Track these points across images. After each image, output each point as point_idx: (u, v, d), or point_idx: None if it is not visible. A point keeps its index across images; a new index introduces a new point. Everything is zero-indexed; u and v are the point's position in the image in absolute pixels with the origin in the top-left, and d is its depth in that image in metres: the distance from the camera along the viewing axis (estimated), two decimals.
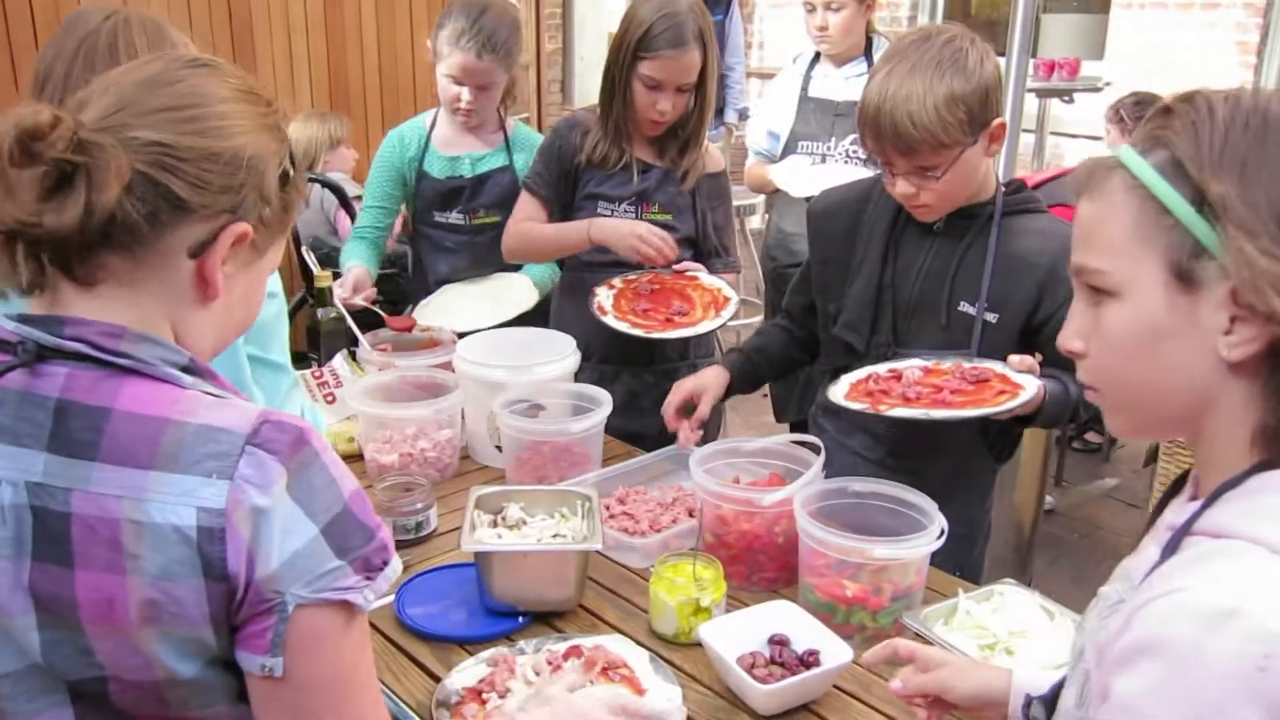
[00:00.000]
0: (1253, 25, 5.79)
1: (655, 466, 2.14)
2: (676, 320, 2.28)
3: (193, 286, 1.01)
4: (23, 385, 0.94)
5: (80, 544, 0.91)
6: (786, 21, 7.61)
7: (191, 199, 0.96)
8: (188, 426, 0.93)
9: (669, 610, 1.63)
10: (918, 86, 1.71)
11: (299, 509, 0.93)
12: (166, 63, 1.01)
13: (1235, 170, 0.83)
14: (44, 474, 0.92)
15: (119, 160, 0.91)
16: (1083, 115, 6.05)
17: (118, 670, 0.95)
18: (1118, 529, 4.04)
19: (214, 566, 0.91)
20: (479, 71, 2.60)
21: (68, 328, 0.95)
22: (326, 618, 0.95)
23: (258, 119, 1.02)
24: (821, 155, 3.42)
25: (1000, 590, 1.69)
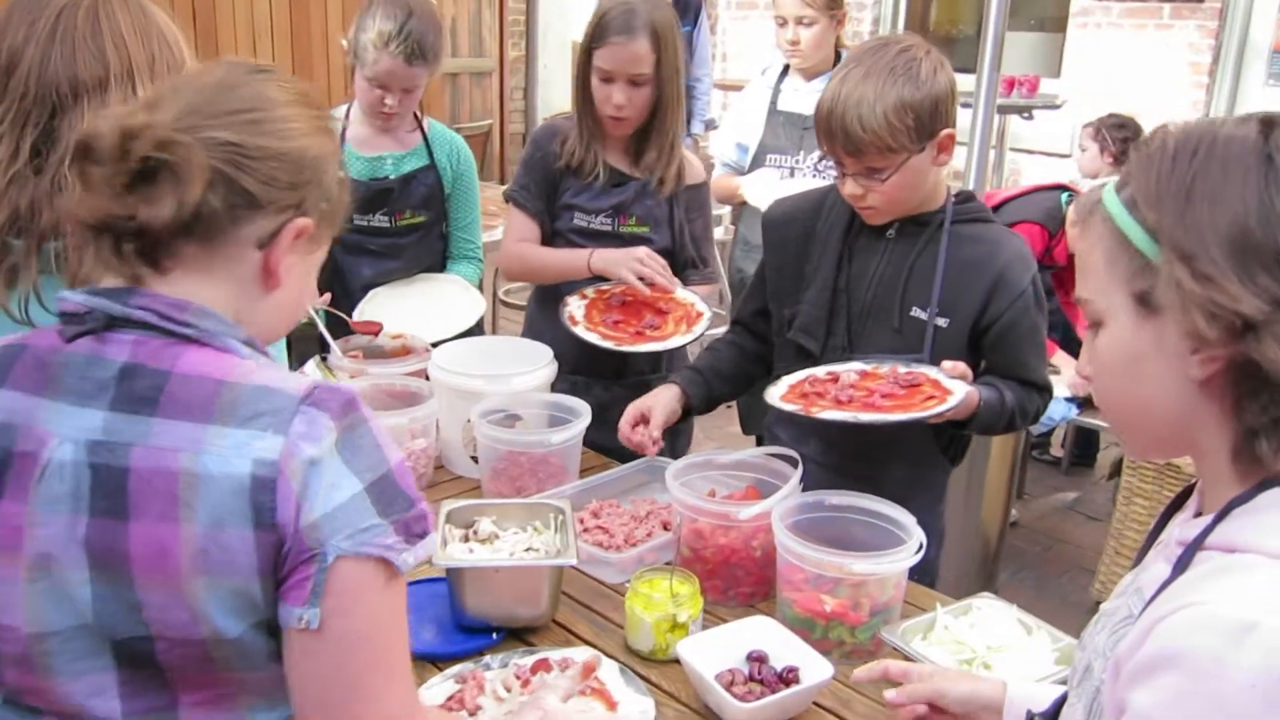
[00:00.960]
0: (1205, 46, 5.89)
1: (629, 479, 2.12)
2: (648, 334, 2.25)
3: (258, 276, 1.08)
4: (90, 350, 1.01)
5: (137, 496, 0.95)
6: (750, 33, 7.64)
7: (261, 194, 1.03)
8: (244, 386, 0.99)
9: (645, 626, 1.61)
10: (869, 91, 1.75)
11: (345, 466, 0.98)
12: (229, 69, 1.09)
13: (1180, 196, 0.86)
14: (104, 431, 0.97)
15: (199, 158, 0.99)
16: (1041, 132, 6.13)
17: (164, 628, 0.97)
18: (1080, 541, 4.07)
19: (264, 516, 0.95)
20: (406, 77, 2.53)
21: (135, 299, 1.01)
22: (366, 572, 0.98)
23: (313, 122, 1.10)
24: (790, 168, 3.42)
25: (978, 604, 1.69)
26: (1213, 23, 5.86)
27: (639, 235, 2.38)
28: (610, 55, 2.25)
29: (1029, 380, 1.94)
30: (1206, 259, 0.83)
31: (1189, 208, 0.85)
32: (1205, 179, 0.85)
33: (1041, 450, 4.71)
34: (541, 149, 2.43)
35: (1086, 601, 3.39)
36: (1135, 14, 6.12)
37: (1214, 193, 0.84)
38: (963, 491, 3.26)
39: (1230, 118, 0.90)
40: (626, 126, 2.34)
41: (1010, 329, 1.90)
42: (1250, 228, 0.83)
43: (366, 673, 1.00)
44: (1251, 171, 0.84)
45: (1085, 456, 4.69)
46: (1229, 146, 0.86)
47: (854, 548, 1.68)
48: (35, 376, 1.01)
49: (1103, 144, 4.51)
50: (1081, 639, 1.05)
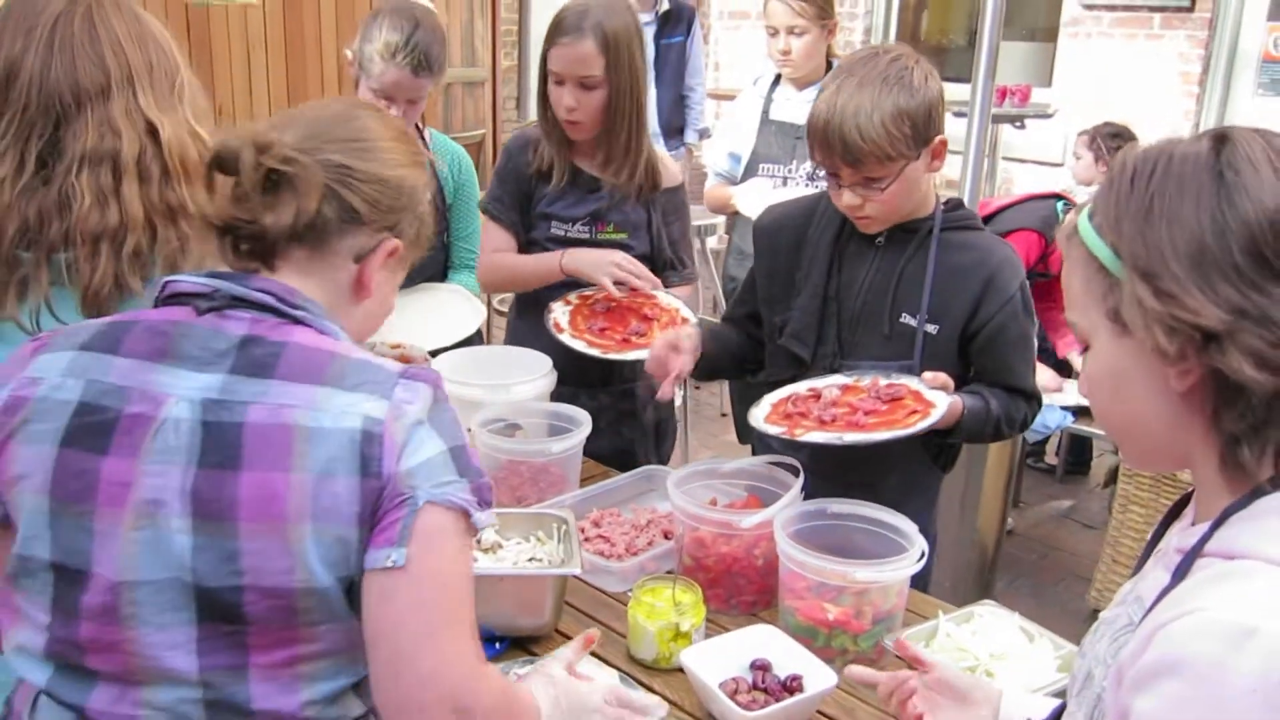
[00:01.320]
0: (1195, 56, 5.93)
1: (629, 488, 2.12)
2: (634, 341, 2.23)
3: (351, 285, 1.22)
4: (211, 324, 1.12)
5: (251, 448, 1.05)
6: (743, 43, 7.66)
7: (365, 213, 1.19)
8: (350, 359, 1.12)
9: (648, 635, 1.61)
10: (865, 101, 1.76)
11: (433, 429, 1.10)
12: (344, 104, 1.27)
13: (1140, 216, 0.88)
14: (221, 391, 1.08)
15: (317, 175, 1.14)
16: (1033, 141, 6.15)
17: (258, 576, 1.05)
18: (1075, 549, 4.08)
19: (370, 465, 1.06)
20: (412, 87, 2.52)
21: (256, 283, 1.15)
22: (447, 519, 1.09)
23: (411, 156, 1.25)
24: (783, 178, 3.43)
25: (980, 612, 1.70)
26: (1203, 32, 5.90)
27: (616, 242, 2.37)
28: (558, 56, 2.23)
29: (1016, 387, 1.94)
30: (1168, 276, 0.85)
31: (1148, 227, 0.87)
32: (1162, 198, 0.88)
33: (1036, 458, 4.72)
34: (514, 159, 2.41)
35: (1083, 610, 3.39)
36: (1126, 23, 6.15)
37: (1171, 211, 0.87)
38: (959, 500, 3.27)
39: (1191, 136, 0.92)
40: (582, 130, 2.30)
41: (998, 334, 1.90)
42: (1206, 242, 0.85)
43: (440, 620, 1.08)
44: (1205, 188, 0.86)
45: (1079, 464, 4.70)
46: (1183, 165, 0.88)
47: (855, 556, 1.68)
48: (151, 345, 1.12)
49: (1098, 153, 4.53)
50: (1081, 647, 1.05)
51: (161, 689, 1.09)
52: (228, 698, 1.08)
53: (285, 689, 1.09)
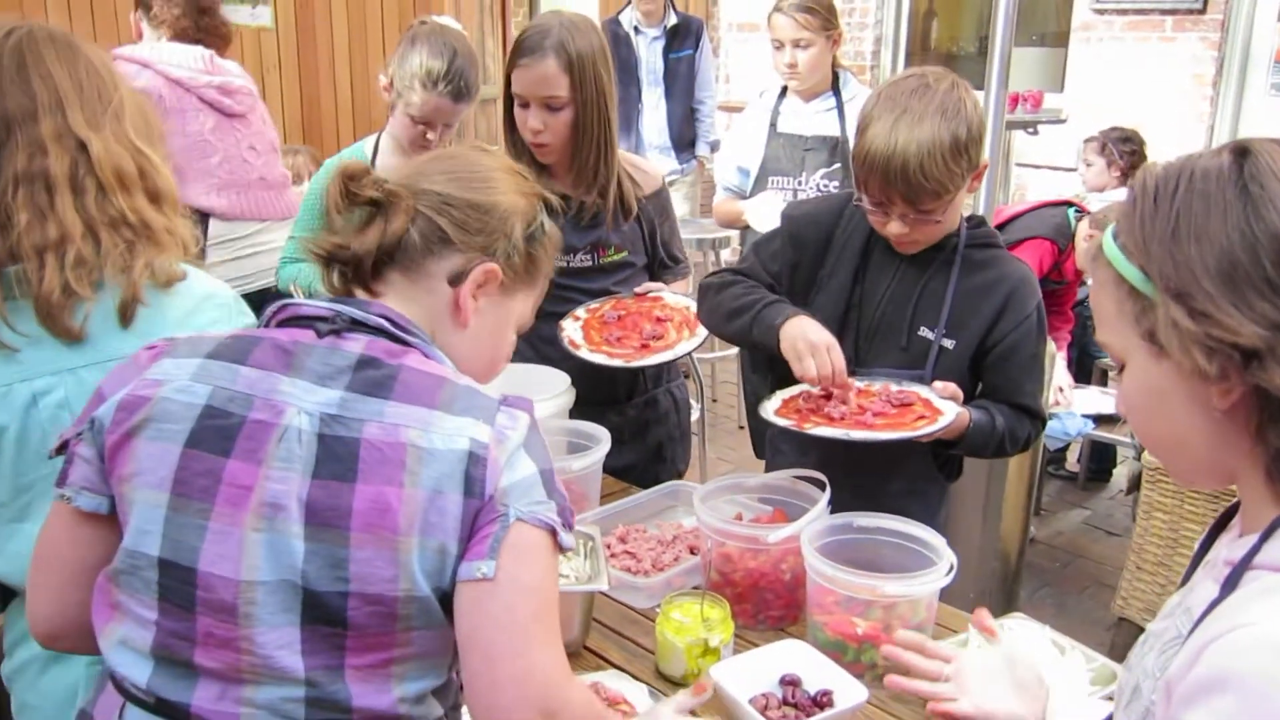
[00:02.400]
0: (1208, 58, 5.91)
1: (653, 504, 2.12)
2: (652, 345, 2.21)
3: (449, 310, 1.26)
4: (330, 344, 1.18)
5: (366, 463, 1.10)
6: (752, 55, 7.67)
7: (453, 234, 1.24)
8: (459, 386, 1.17)
9: (677, 651, 1.61)
10: (925, 136, 1.75)
11: (528, 453, 1.16)
12: (465, 146, 1.42)
13: (1167, 236, 0.88)
14: (340, 406, 1.13)
15: (406, 201, 1.22)
16: (1045, 147, 6.14)
17: (363, 583, 1.09)
18: (1099, 557, 4.06)
19: (474, 486, 1.11)
20: (451, 113, 2.58)
21: (374, 308, 1.21)
22: (536, 536, 1.13)
23: (516, 186, 1.31)
24: (793, 190, 3.44)
25: (1010, 625, 1.68)
26: (1215, 34, 5.89)
27: (619, 262, 2.37)
28: (521, 77, 2.19)
29: (1023, 405, 1.96)
30: (1201, 295, 0.85)
31: (1176, 246, 0.87)
32: (1188, 216, 0.87)
33: (1057, 466, 4.70)
34: None
35: (1108, 618, 3.37)
36: (1137, 27, 6.15)
37: (1198, 229, 0.86)
38: (981, 509, 3.25)
39: (1210, 150, 0.92)
40: (550, 154, 2.27)
41: (1011, 352, 1.93)
42: (1237, 258, 0.85)
43: (528, 627, 1.12)
44: (1230, 203, 0.86)
45: (1101, 471, 4.67)
46: (1206, 181, 0.88)
47: (883, 570, 1.68)
48: (276, 358, 1.17)
49: (1110, 159, 4.52)
50: (1128, 660, 1.04)
51: (266, 687, 1.12)
52: (329, 695, 1.12)
53: (379, 689, 1.14)
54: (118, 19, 4.43)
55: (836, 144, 3.40)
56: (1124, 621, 3.20)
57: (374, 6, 5.19)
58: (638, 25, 5.38)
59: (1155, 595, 3.11)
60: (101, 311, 1.41)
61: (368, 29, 5.08)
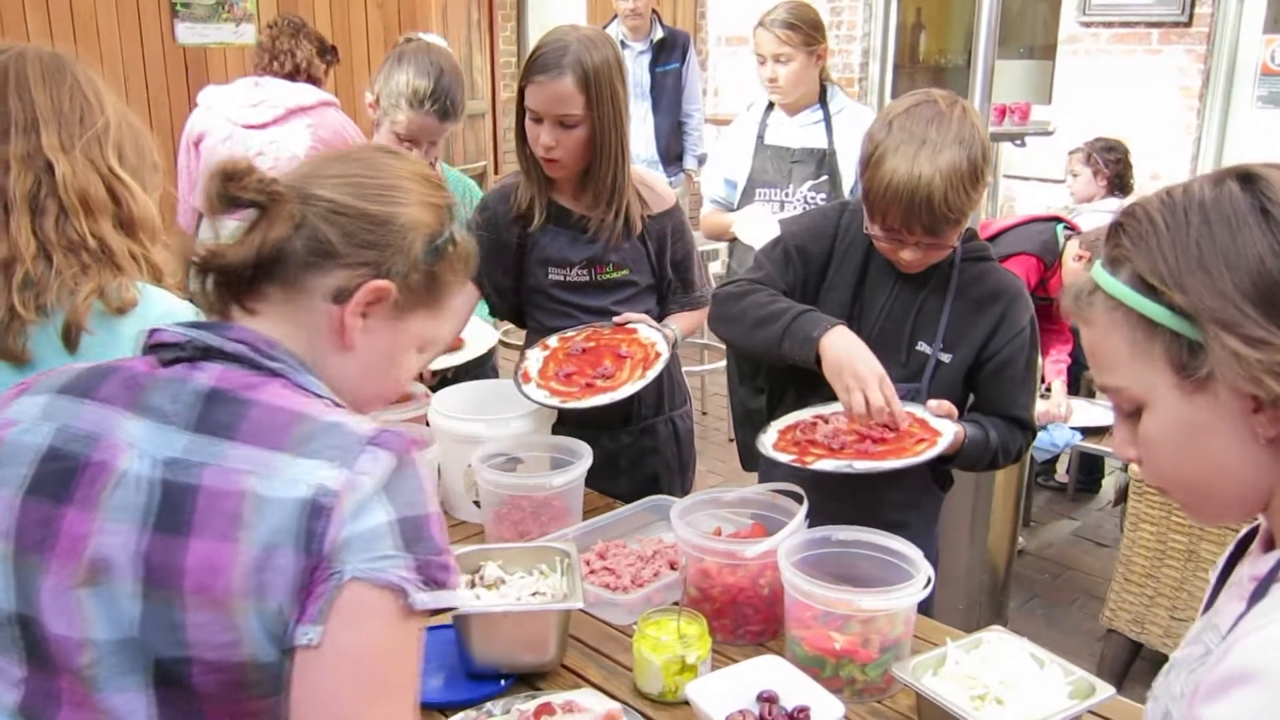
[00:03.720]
0: (1194, 70, 5.94)
1: (634, 519, 2.11)
2: (598, 385, 2.15)
3: (331, 331, 1.12)
4: (181, 375, 1.06)
5: (201, 514, 0.98)
6: (740, 68, 7.69)
7: (340, 247, 1.10)
8: (318, 421, 1.03)
9: (654, 669, 1.60)
10: (948, 168, 1.75)
11: (385, 496, 1.00)
12: (364, 149, 1.20)
13: (1193, 267, 0.86)
14: (184, 450, 1.01)
15: (290, 207, 1.08)
16: (1033, 159, 6.16)
17: (203, 650, 0.98)
18: (1088, 569, 4.05)
19: (312, 541, 0.97)
20: (438, 131, 2.58)
21: (232, 333, 1.08)
22: (375, 598, 0.98)
23: (422, 196, 1.16)
24: (780, 202, 3.45)
25: (989, 638, 1.67)
26: (1201, 46, 5.92)
27: (619, 280, 2.32)
28: (536, 94, 2.15)
29: (1016, 417, 1.98)
30: (1250, 322, 0.83)
31: (1208, 277, 0.85)
32: (1211, 244, 0.86)
33: (1046, 477, 4.69)
34: (489, 210, 2.33)
35: (1097, 630, 3.36)
36: (1124, 39, 6.17)
37: (1226, 256, 0.85)
38: (969, 521, 3.25)
39: (1200, 180, 0.90)
40: (561, 169, 2.22)
41: (1006, 365, 1.95)
42: (1274, 278, 0.84)
43: (357, 702, 0.98)
44: (1253, 227, 0.85)
45: (1090, 483, 4.67)
46: (1219, 208, 0.87)
47: (861, 583, 1.67)
48: (124, 394, 1.06)
49: (1095, 168, 4.53)
50: (1153, 691, 1.03)
51: None
52: None
53: None
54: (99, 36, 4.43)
55: (824, 156, 3.41)
56: (1112, 633, 3.19)
57: (358, 23, 5.20)
58: (624, 39, 5.39)
59: (1143, 607, 3.10)
60: (47, 335, 1.40)
61: (352, 45, 5.09)
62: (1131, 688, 2.84)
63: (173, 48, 4.63)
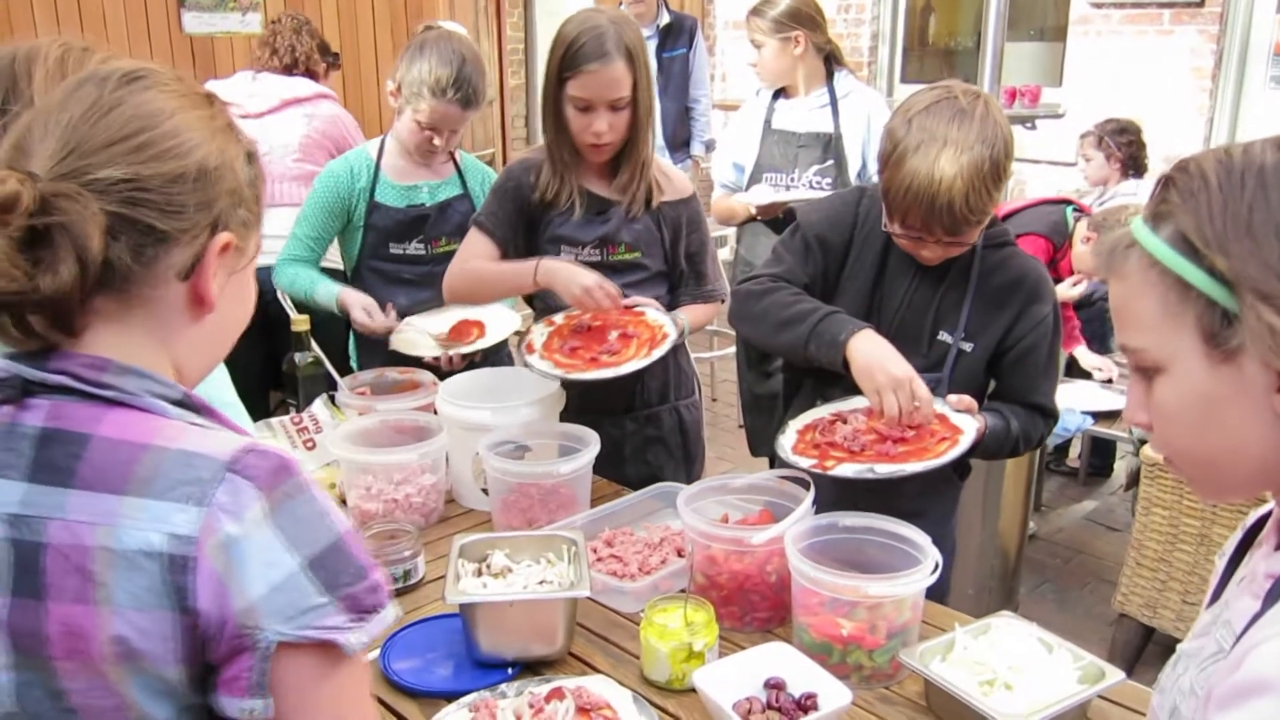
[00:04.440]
0: (1206, 51, 5.88)
1: (641, 506, 2.10)
2: (603, 360, 2.15)
3: (186, 307, 0.99)
4: (9, 418, 0.92)
5: (53, 575, 0.87)
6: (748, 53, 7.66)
7: (170, 227, 0.93)
8: (167, 452, 0.90)
9: (661, 656, 1.60)
10: (970, 170, 1.72)
11: (281, 539, 0.88)
12: (98, 85, 0.94)
13: (1241, 233, 0.82)
14: (21, 504, 0.89)
15: (90, 207, 0.88)
16: (1044, 141, 6.12)
17: (91, 714, 0.90)
18: (1100, 553, 4.04)
19: (183, 597, 0.86)
20: (459, 120, 2.60)
21: (52, 362, 0.93)
22: (311, 660, 0.90)
23: (207, 124, 0.98)
24: (786, 185, 3.45)
25: (997, 624, 1.67)
26: (1213, 27, 5.86)
27: (630, 262, 2.32)
28: (587, 83, 2.15)
29: (1037, 404, 1.96)
30: None
31: (1256, 245, 0.81)
32: (1264, 211, 0.82)
33: (1058, 461, 4.68)
34: (515, 179, 2.33)
35: (1109, 614, 3.34)
36: (1135, 20, 6.12)
37: (1278, 225, 0.81)
38: (980, 505, 3.24)
39: (1263, 142, 0.86)
40: (607, 152, 2.25)
41: (1029, 353, 1.93)
42: None
43: None
44: None
45: (1102, 467, 4.65)
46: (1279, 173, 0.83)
47: (869, 569, 1.66)
48: None
49: (1109, 151, 4.49)
50: (1159, 683, 1.02)
51: None
52: None
53: None
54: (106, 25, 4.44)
55: (829, 140, 3.40)
56: (1124, 617, 3.18)
57: (365, 11, 5.19)
58: None
59: (1155, 591, 3.09)
60: None
61: (359, 33, 5.09)
62: (1143, 672, 2.83)
63: (180, 37, 4.64)
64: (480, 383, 2.32)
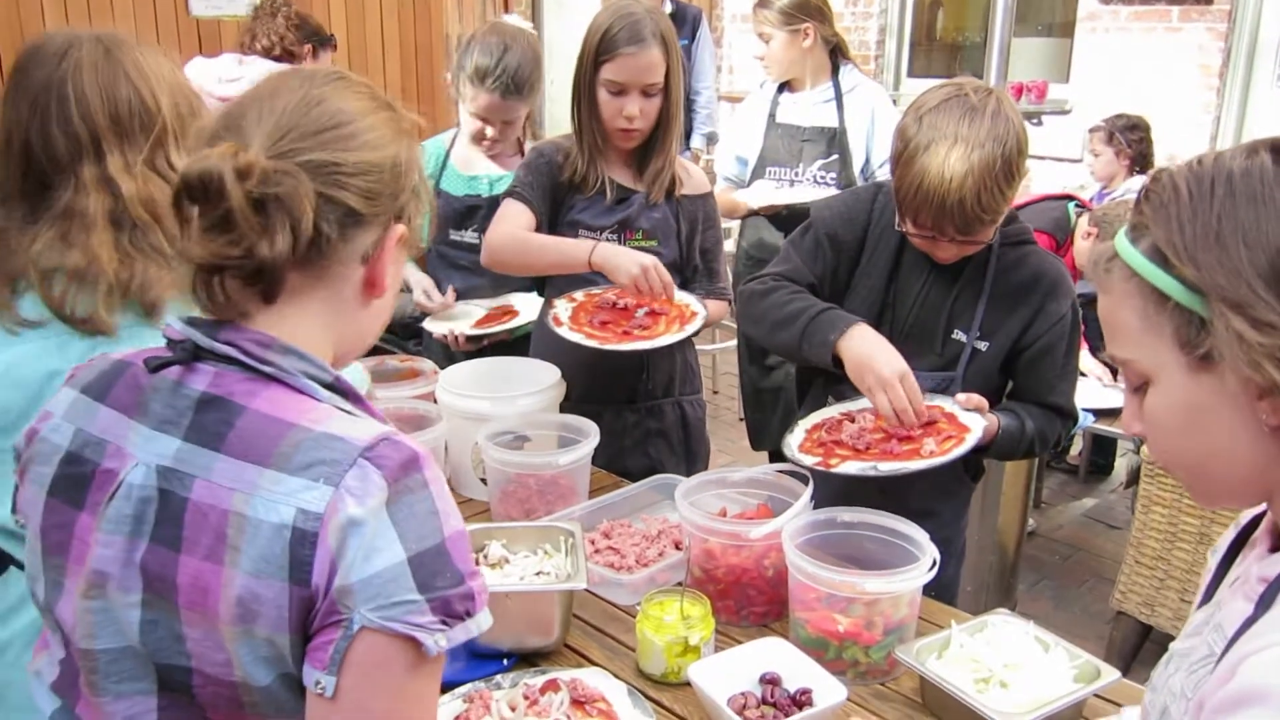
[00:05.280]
0: (1214, 48, 5.86)
1: (640, 497, 2.10)
2: (635, 333, 2.15)
3: (361, 289, 1.07)
4: (177, 377, 1.00)
5: (190, 529, 0.94)
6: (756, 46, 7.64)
7: (364, 210, 1.02)
8: (311, 432, 0.95)
9: (657, 650, 1.60)
10: (981, 169, 1.69)
11: (393, 530, 0.92)
12: (304, 80, 1.05)
13: (1210, 242, 0.82)
14: (175, 459, 0.96)
15: (305, 184, 0.97)
16: (1050, 138, 6.10)
17: (203, 663, 0.96)
18: (1099, 550, 4.03)
19: (300, 570, 0.91)
20: (504, 110, 2.62)
21: (223, 332, 1.00)
22: (390, 650, 0.92)
23: (395, 125, 1.08)
24: (789, 180, 3.43)
25: (994, 621, 1.66)
26: (1222, 24, 5.83)
27: (646, 249, 2.31)
28: (623, 67, 2.18)
29: (1054, 405, 1.92)
30: (1262, 305, 0.80)
31: (1224, 254, 0.81)
32: (1232, 219, 0.82)
33: (1058, 458, 4.67)
34: (546, 156, 2.34)
35: (1107, 612, 3.34)
36: (1143, 17, 6.09)
37: (1246, 233, 0.81)
38: (979, 502, 3.23)
39: (1234, 150, 0.86)
40: (636, 138, 2.27)
41: (1046, 352, 1.90)
42: None
43: None
44: (1278, 203, 0.81)
45: (1102, 465, 4.64)
46: (1248, 181, 0.83)
47: (867, 565, 1.66)
48: (129, 397, 1.02)
49: (1118, 148, 4.46)
50: (1152, 681, 1.01)
51: None
52: None
53: None
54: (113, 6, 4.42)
55: (834, 135, 3.38)
56: (1122, 615, 3.18)
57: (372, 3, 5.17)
58: None
59: (1154, 590, 3.08)
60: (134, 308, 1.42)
61: (366, 19, 5.07)
62: (1140, 671, 2.83)
63: (186, 20, 4.63)
64: (480, 372, 2.32)
